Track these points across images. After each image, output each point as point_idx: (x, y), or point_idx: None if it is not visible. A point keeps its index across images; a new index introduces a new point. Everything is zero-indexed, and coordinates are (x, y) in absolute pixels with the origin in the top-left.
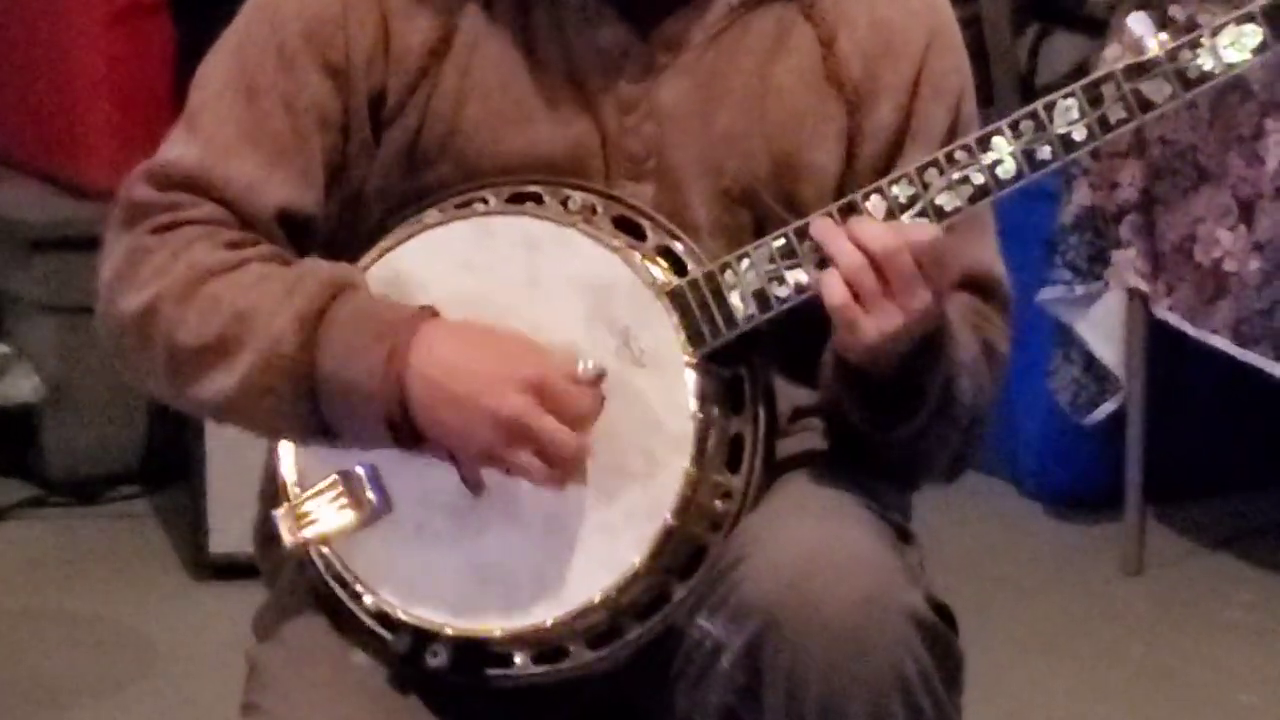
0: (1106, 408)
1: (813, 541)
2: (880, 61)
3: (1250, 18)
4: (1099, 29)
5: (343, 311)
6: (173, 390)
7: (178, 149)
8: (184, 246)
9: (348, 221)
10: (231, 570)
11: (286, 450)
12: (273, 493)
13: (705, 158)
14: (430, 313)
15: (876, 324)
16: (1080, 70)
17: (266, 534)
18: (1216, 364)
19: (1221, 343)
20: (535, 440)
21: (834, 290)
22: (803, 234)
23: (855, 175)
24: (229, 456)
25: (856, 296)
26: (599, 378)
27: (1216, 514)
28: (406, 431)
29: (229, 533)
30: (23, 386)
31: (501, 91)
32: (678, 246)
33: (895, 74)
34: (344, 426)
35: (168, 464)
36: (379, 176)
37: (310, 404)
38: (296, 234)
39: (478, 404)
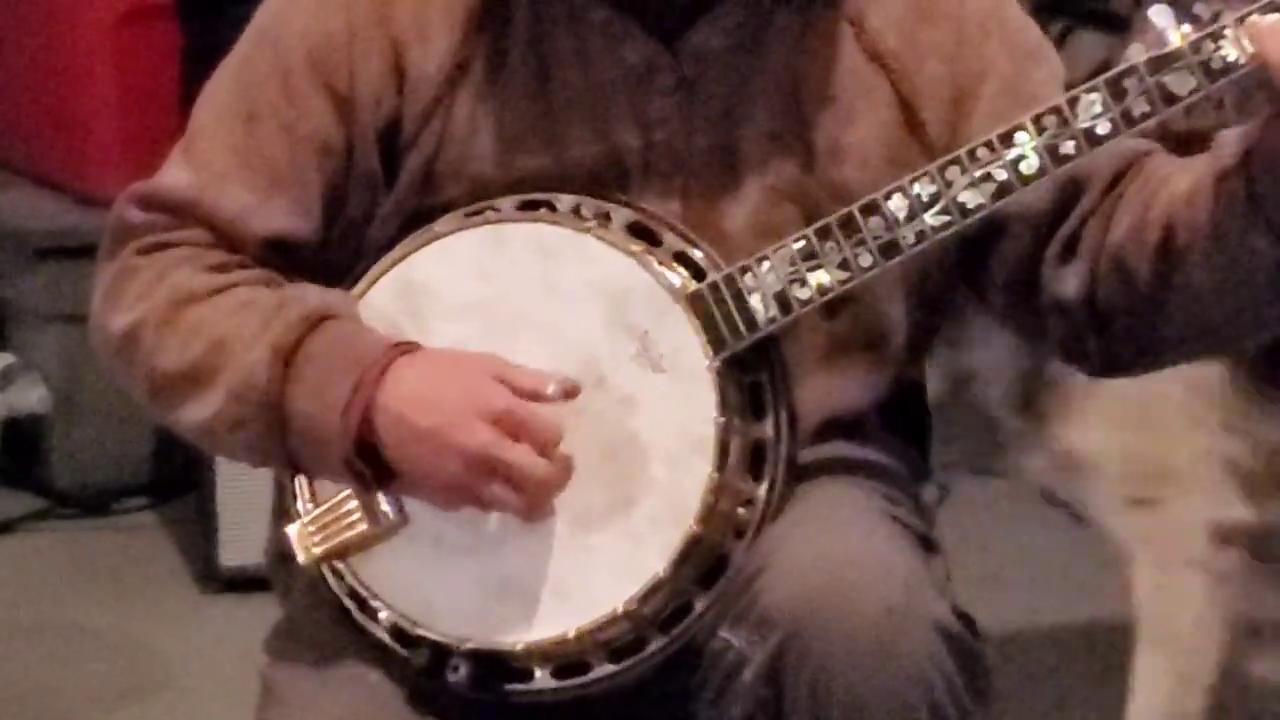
0: None
1: (836, 551)
2: (916, 26)
3: (1274, 7)
4: (1123, 26)
5: (317, 345)
6: (156, 413)
7: (172, 173)
8: (169, 268)
9: (350, 246)
10: (242, 583)
11: None
12: (285, 508)
13: (744, 162)
14: (406, 347)
15: None
16: (1104, 67)
17: (279, 550)
18: None
19: None
20: (504, 472)
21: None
22: (824, 234)
23: (929, 138)
24: (239, 468)
25: None
26: (569, 394)
27: None
28: (369, 470)
29: (240, 545)
30: (29, 397)
31: (517, 117)
32: (695, 253)
33: (935, 30)
34: (311, 464)
35: (177, 475)
36: (393, 201)
37: (280, 439)
38: (289, 260)
39: (445, 439)
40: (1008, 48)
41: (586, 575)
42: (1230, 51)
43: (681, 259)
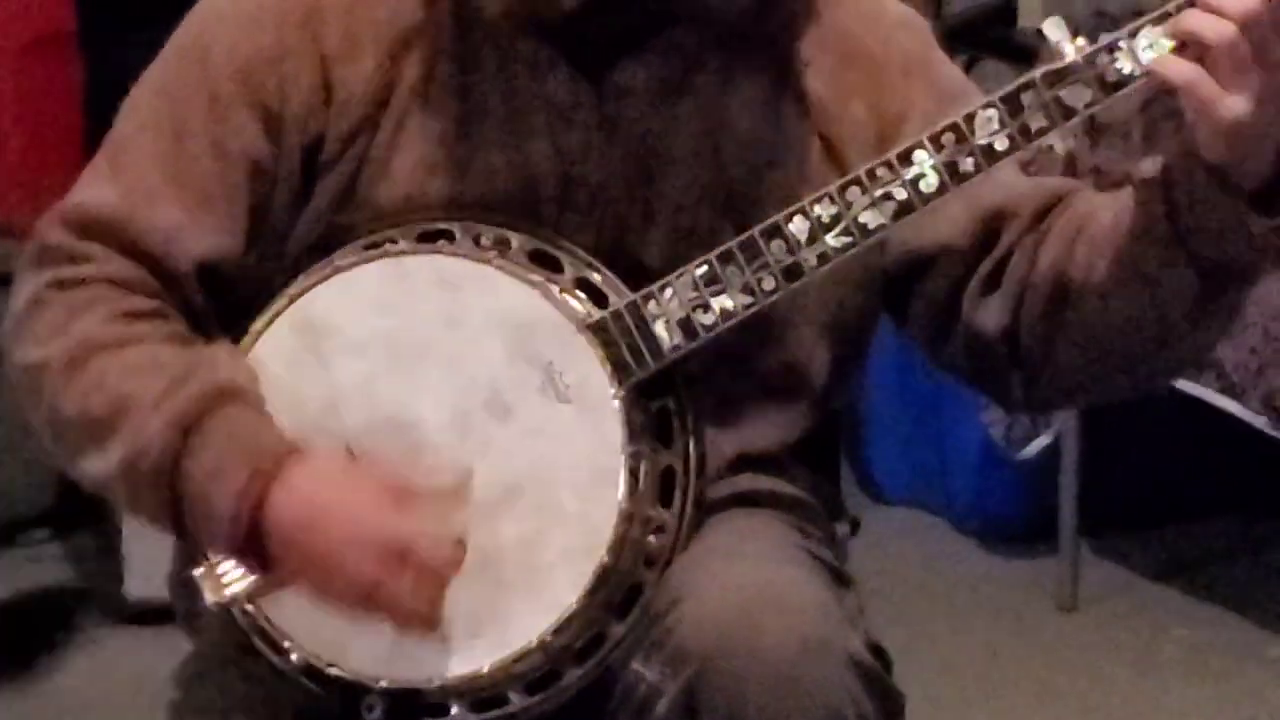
0: (1040, 442)
1: (749, 585)
2: (839, 68)
3: (1166, 18)
4: (1027, 56)
5: (217, 425)
6: (56, 454)
7: (98, 189)
8: (81, 309)
9: (267, 266)
10: (150, 615)
11: None
12: (189, 548)
13: (661, 200)
14: (299, 456)
15: (1241, 98)
16: None
17: (183, 585)
18: (1149, 396)
19: None
20: (389, 606)
21: (1181, 67)
22: (726, 258)
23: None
24: None
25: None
26: (465, 483)
27: (1151, 547)
28: (258, 564)
29: (144, 576)
30: None
31: (437, 142)
32: (595, 277)
33: (858, 72)
34: (201, 538)
35: (81, 506)
36: (307, 221)
37: (172, 510)
38: (215, 285)
39: (332, 566)
40: (930, 89)
41: (499, 609)
42: (1125, 64)
43: (583, 285)
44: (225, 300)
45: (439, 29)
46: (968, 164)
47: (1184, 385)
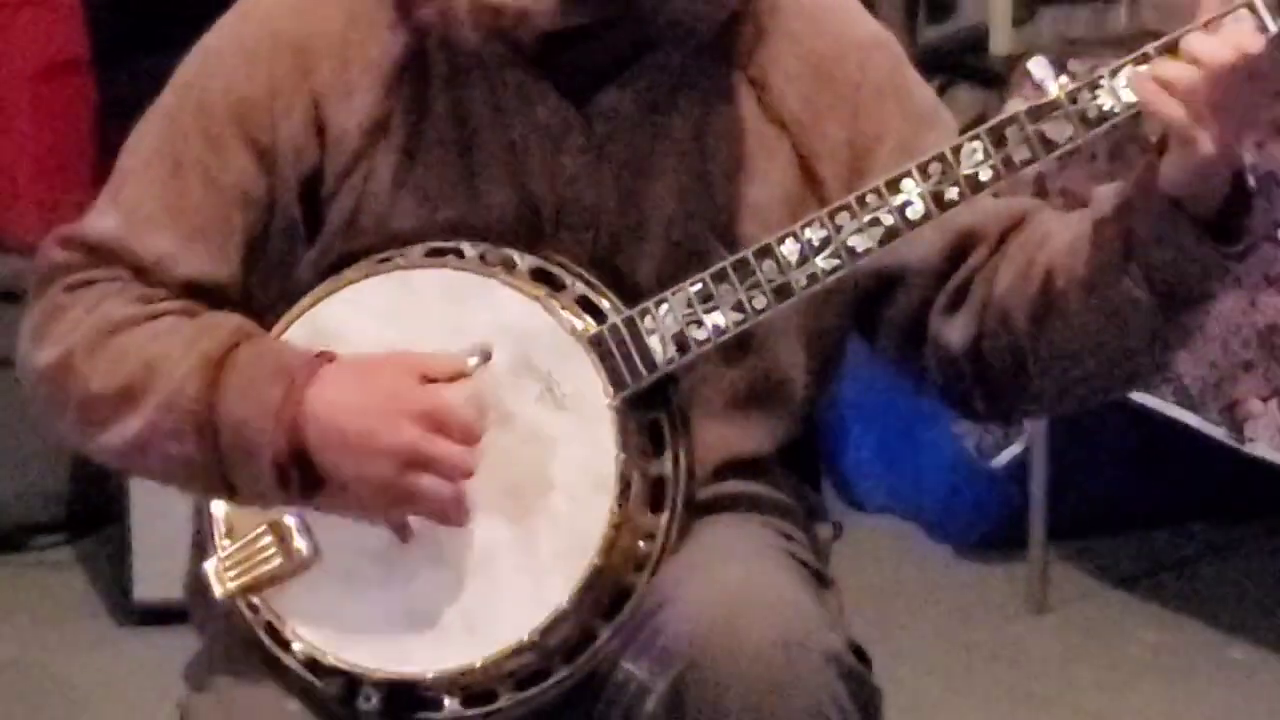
0: (1010, 452)
1: (734, 586)
2: (816, 89)
3: (1146, 58)
4: (998, 82)
5: (244, 356)
6: (84, 439)
7: (99, 218)
8: (96, 302)
9: (273, 290)
10: (157, 616)
11: (216, 502)
12: (203, 544)
13: (651, 220)
14: (327, 356)
15: (1213, 134)
16: (980, 120)
17: (197, 585)
18: (1116, 407)
19: None
20: (432, 463)
21: (1171, 104)
22: (720, 277)
23: (828, 196)
24: (153, 504)
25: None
26: (486, 357)
27: (1119, 553)
28: (297, 476)
29: (154, 579)
30: None
31: (438, 171)
32: (597, 298)
33: (834, 94)
34: (240, 472)
35: (92, 512)
36: (318, 248)
37: (213, 448)
38: (209, 302)
39: (373, 440)
40: (904, 111)
41: (492, 607)
42: (1106, 101)
43: (584, 303)
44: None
45: (430, 64)
46: (953, 193)
47: (1144, 399)
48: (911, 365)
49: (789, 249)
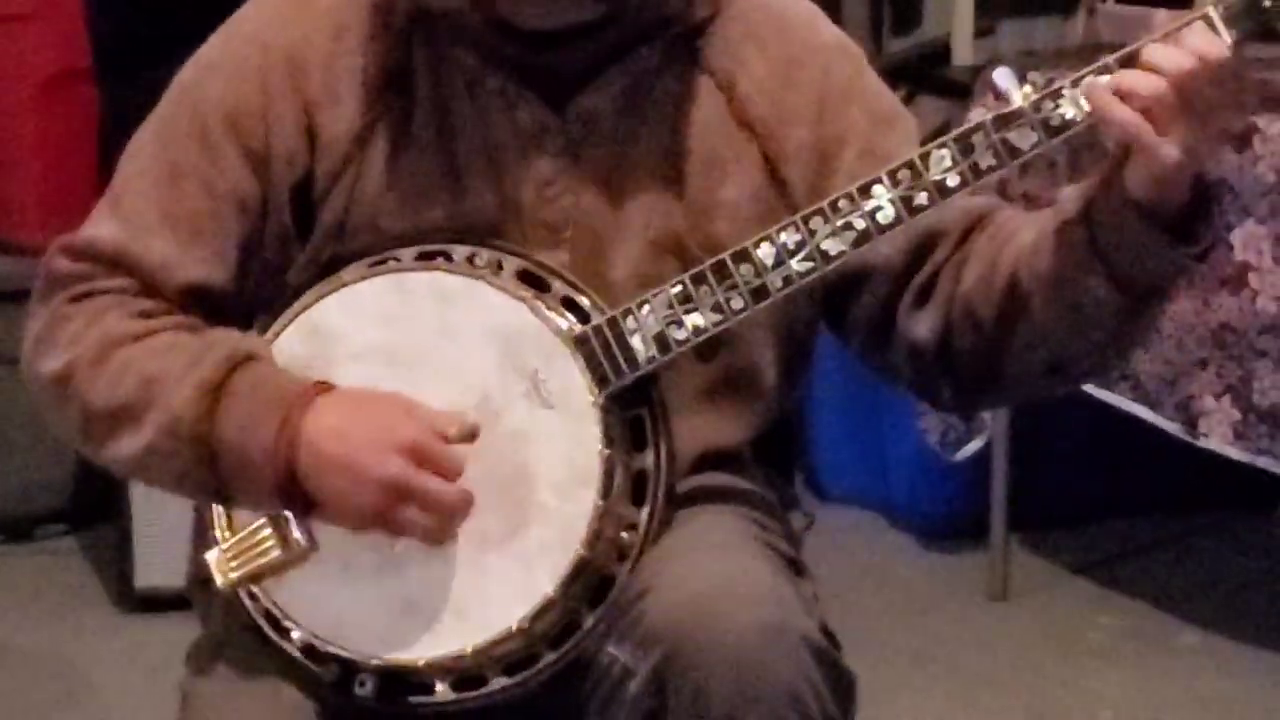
0: (973, 446)
1: (714, 574)
2: (782, 92)
3: (1107, 69)
4: (960, 92)
5: (242, 382)
6: (87, 449)
7: (100, 226)
8: (98, 314)
9: (266, 290)
10: (156, 603)
11: None
12: (203, 535)
13: (627, 217)
14: (324, 387)
15: (1174, 142)
16: (944, 129)
17: (199, 574)
18: (1074, 402)
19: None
20: (415, 497)
21: (1126, 115)
22: (699, 280)
23: (793, 197)
24: (153, 496)
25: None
26: (471, 436)
27: (1076, 542)
28: (298, 498)
29: (153, 567)
30: None
31: (424, 174)
32: (581, 298)
33: (800, 97)
34: (238, 491)
35: (94, 503)
36: (310, 250)
37: (210, 469)
38: (208, 305)
39: (362, 468)
40: (867, 114)
41: (482, 596)
42: (1068, 110)
43: (568, 304)
44: (223, 319)
45: (414, 71)
46: (922, 198)
47: (1102, 395)
48: (881, 360)
49: (765, 252)
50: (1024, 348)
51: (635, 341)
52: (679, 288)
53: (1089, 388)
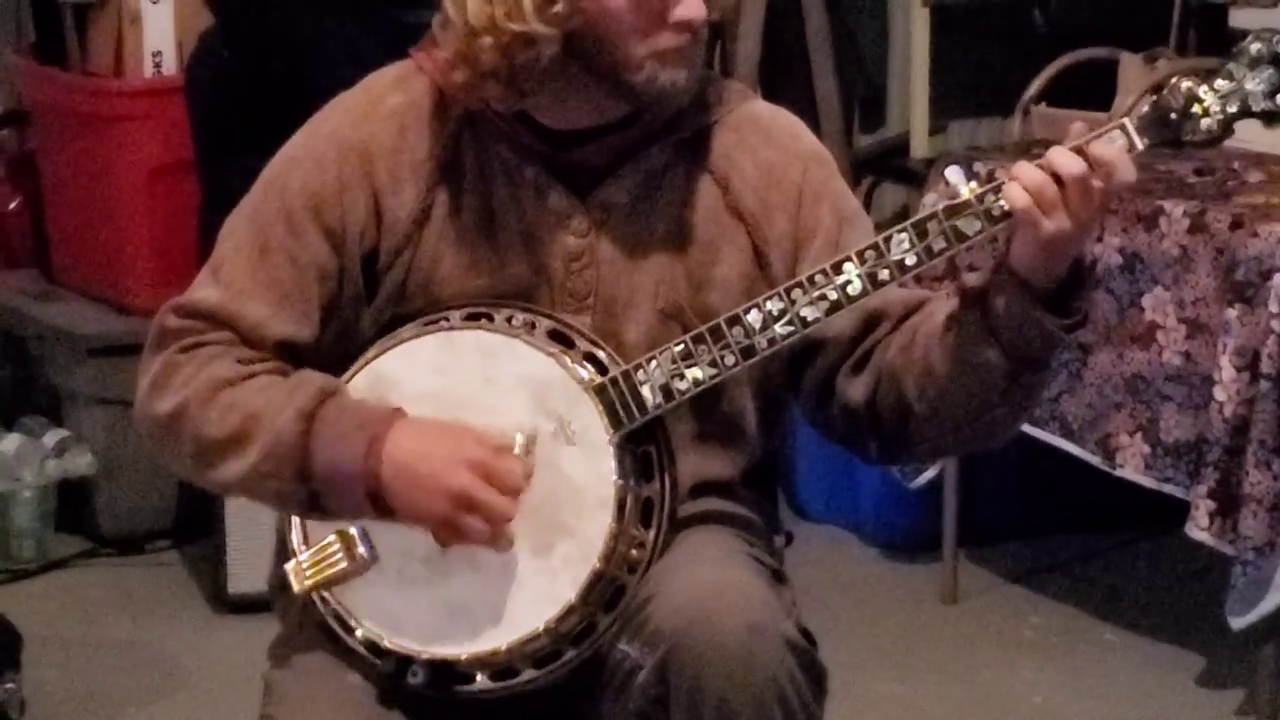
0: (928, 474)
1: (709, 583)
2: (768, 190)
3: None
4: (918, 180)
5: (331, 411)
6: (197, 474)
7: (203, 290)
8: (206, 362)
9: (343, 345)
10: (245, 606)
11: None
12: (284, 550)
13: (638, 289)
14: (401, 414)
15: (1054, 224)
16: (903, 213)
17: (279, 582)
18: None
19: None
20: (479, 508)
21: (1019, 195)
22: (698, 340)
23: (774, 275)
24: (243, 516)
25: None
26: (530, 446)
27: (1014, 555)
28: (381, 506)
29: (243, 576)
30: (80, 462)
31: (470, 248)
32: (600, 354)
33: (781, 195)
34: (332, 502)
35: (194, 522)
36: (373, 311)
37: (306, 485)
38: (294, 357)
39: (436, 481)
40: (834, 213)
41: (515, 602)
42: (1005, 202)
43: (590, 359)
44: (307, 368)
45: (463, 164)
46: (884, 274)
47: (1035, 432)
48: (821, 415)
49: (753, 317)
50: (934, 408)
51: (645, 391)
52: (681, 346)
53: (1025, 427)
